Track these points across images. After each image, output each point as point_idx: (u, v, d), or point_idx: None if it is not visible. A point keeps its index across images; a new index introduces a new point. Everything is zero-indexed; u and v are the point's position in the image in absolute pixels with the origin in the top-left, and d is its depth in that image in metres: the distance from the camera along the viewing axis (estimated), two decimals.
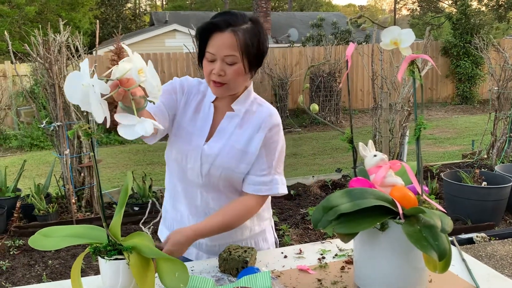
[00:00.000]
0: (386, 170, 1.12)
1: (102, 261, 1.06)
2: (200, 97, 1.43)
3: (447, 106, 11.87)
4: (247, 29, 1.28)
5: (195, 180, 1.40)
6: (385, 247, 1.06)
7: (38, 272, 3.19)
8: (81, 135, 0.97)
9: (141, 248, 1.04)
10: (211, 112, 1.41)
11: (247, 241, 1.49)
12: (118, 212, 1.10)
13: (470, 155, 5.58)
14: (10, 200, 4.17)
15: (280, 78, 10.01)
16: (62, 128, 4.05)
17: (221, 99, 1.41)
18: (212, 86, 1.33)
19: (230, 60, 1.27)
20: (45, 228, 1.13)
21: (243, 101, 1.40)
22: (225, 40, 1.26)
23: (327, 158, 7.04)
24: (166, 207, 1.56)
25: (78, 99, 0.91)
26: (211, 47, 1.28)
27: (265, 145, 1.38)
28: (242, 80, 1.34)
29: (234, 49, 1.26)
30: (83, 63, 0.92)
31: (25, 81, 8.65)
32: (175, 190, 1.49)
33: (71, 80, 0.91)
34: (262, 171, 1.38)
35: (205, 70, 1.31)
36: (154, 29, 15.37)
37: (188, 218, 1.46)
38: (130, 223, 3.98)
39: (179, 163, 1.42)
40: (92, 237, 1.11)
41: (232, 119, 1.40)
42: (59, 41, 3.95)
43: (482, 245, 3.12)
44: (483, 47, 5.47)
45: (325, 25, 14.18)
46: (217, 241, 1.45)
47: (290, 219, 3.99)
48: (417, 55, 1.05)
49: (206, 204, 1.42)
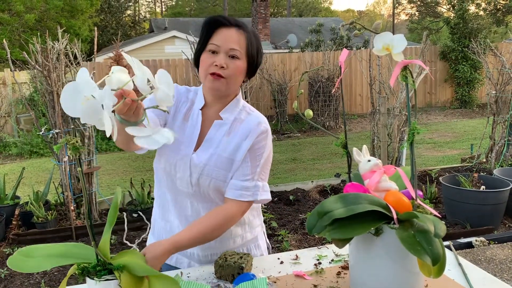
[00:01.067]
0: (380, 175, 1.12)
1: (91, 282, 1.00)
2: (189, 105, 1.42)
3: (446, 110, 11.88)
4: (250, 34, 1.35)
5: (184, 189, 1.39)
6: (380, 252, 1.06)
7: (37, 280, 3.18)
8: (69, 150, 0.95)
9: (132, 266, 1.00)
10: (199, 120, 1.39)
11: (239, 249, 1.48)
12: (108, 231, 1.05)
13: (469, 159, 5.58)
14: (9, 207, 4.17)
15: (279, 84, 10.04)
16: (61, 135, 4.06)
17: (210, 107, 1.40)
18: (209, 80, 1.31)
19: (233, 54, 1.30)
20: (25, 247, 1.06)
21: (231, 109, 1.40)
22: (232, 34, 1.31)
23: (326, 163, 7.04)
24: (155, 217, 1.54)
25: (80, 111, 0.86)
26: (216, 39, 1.30)
27: (250, 150, 1.36)
28: (239, 80, 1.36)
29: (239, 45, 1.31)
30: (82, 73, 0.86)
31: (24, 88, 8.67)
32: (165, 199, 1.47)
33: (69, 92, 0.86)
34: (246, 176, 1.35)
35: (205, 63, 1.31)
36: (154, 35, 15.43)
37: (179, 228, 1.43)
38: (128, 230, 3.97)
39: (168, 172, 1.40)
40: (78, 256, 1.05)
41: (220, 127, 1.38)
42: (57, 49, 3.97)
43: (481, 249, 3.11)
44: (480, 52, 5.49)
45: (323, 30, 14.24)
46: (208, 251, 1.43)
47: (289, 224, 3.99)
48: (410, 60, 1.05)
49: (197, 213, 1.40)
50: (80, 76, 0.86)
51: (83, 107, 0.85)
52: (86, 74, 0.86)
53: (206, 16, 1.50)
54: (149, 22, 24.61)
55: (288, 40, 15.95)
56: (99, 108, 0.86)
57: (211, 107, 1.40)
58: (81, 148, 0.91)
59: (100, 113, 0.86)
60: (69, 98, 0.86)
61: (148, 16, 34.40)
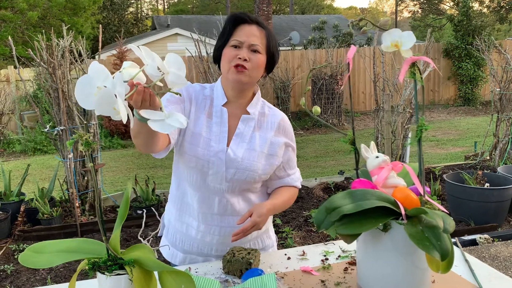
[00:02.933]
0: (388, 171, 1.13)
1: (102, 277, 1.00)
2: (209, 102, 1.44)
3: (449, 107, 11.86)
4: (269, 32, 1.44)
5: (217, 185, 1.40)
6: (387, 247, 1.06)
7: (43, 276, 3.20)
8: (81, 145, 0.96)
9: (143, 261, 0.99)
10: (225, 116, 1.42)
11: (254, 241, 1.51)
12: (118, 226, 1.05)
13: (472, 156, 5.58)
14: (14, 204, 4.20)
15: (282, 81, 10.03)
16: (65, 132, 4.07)
17: (232, 102, 1.44)
18: (233, 72, 1.36)
19: (255, 48, 1.37)
20: (36, 244, 1.06)
21: (255, 104, 1.47)
22: (254, 31, 1.39)
23: (330, 160, 7.04)
24: (170, 219, 1.54)
25: (94, 102, 0.86)
26: (239, 35, 1.38)
27: (288, 145, 1.50)
28: (259, 74, 1.43)
29: (260, 41, 1.39)
30: (94, 65, 0.87)
31: (28, 86, 8.69)
32: (184, 201, 1.47)
33: (82, 85, 0.86)
34: (292, 169, 1.54)
35: (228, 56, 1.37)
36: (156, 33, 15.43)
37: (198, 228, 1.44)
38: (134, 227, 3.99)
39: (199, 170, 1.39)
40: (88, 252, 1.05)
41: (248, 122, 1.44)
42: (62, 46, 3.98)
43: (485, 246, 3.11)
44: (484, 49, 5.47)
45: (326, 28, 14.21)
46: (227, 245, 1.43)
47: (293, 221, 4.00)
48: (418, 57, 1.06)
49: (223, 210, 1.42)
50: (92, 68, 0.87)
51: (96, 97, 0.86)
52: (98, 64, 0.87)
53: (208, 14, 1.54)
54: (151, 19, 24.59)
55: (291, 37, 15.92)
56: (113, 97, 0.86)
57: (233, 102, 1.45)
58: (94, 143, 0.91)
59: (113, 102, 0.86)
60: (82, 90, 0.87)
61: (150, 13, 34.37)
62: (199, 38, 5.12)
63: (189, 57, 10.16)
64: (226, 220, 1.43)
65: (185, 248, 1.49)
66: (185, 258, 1.50)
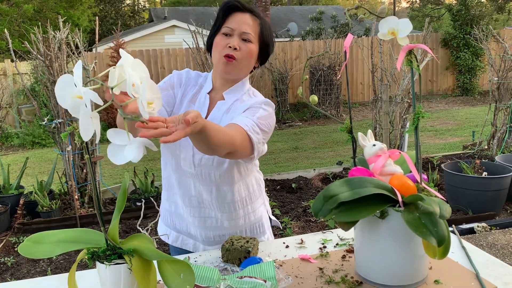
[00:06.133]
0: (385, 159, 1.13)
1: (101, 267, 1.00)
2: (197, 89, 1.45)
3: (447, 98, 11.86)
4: (263, 21, 1.39)
5: (188, 170, 1.41)
6: (385, 234, 1.07)
7: (43, 268, 3.22)
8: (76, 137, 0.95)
9: (142, 250, 0.99)
10: (206, 103, 1.42)
11: (242, 228, 1.50)
12: (117, 216, 1.04)
13: (470, 146, 5.59)
14: (13, 197, 4.21)
15: (280, 72, 10.01)
16: (63, 125, 4.07)
17: (217, 91, 1.43)
18: (222, 63, 1.34)
19: (247, 37, 1.34)
20: (35, 234, 1.05)
21: (235, 91, 1.42)
22: (246, 19, 1.35)
23: (328, 151, 7.05)
24: (162, 200, 1.58)
25: (69, 105, 0.83)
26: (230, 22, 1.35)
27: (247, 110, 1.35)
28: (250, 64, 1.39)
29: (252, 29, 1.35)
30: (77, 69, 0.83)
31: (25, 79, 8.66)
32: (170, 181, 1.50)
33: (62, 84, 0.83)
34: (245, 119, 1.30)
35: (219, 45, 1.35)
36: (153, 25, 15.34)
37: (182, 208, 1.48)
38: (133, 218, 4.01)
39: (172, 153, 1.42)
40: (87, 242, 1.05)
41: (221, 107, 1.41)
42: (59, 38, 3.96)
43: (483, 234, 3.14)
44: (483, 38, 5.46)
45: (324, 18, 14.16)
46: (211, 232, 1.47)
47: (291, 212, 4.02)
48: (415, 45, 1.06)
49: (199, 195, 1.44)
50: (75, 71, 0.84)
51: (72, 101, 0.83)
52: (79, 69, 0.83)
53: (205, 5, 1.51)
54: (148, 11, 24.45)
55: (289, 28, 15.85)
56: (83, 109, 0.82)
57: (218, 91, 1.43)
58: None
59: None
60: (62, 88, 0.84)
61: (147, 5, 34.14)
62: (196, 30, 5.10)
63: (186, 49, 10.17)
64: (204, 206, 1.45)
65: (177, 227, 1.54)
66: (177, 237, 1.54)
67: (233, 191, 1.44)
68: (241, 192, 1.46)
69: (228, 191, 1.43)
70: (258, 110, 1.34)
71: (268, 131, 1.35)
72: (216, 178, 1.40)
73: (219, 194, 1.43)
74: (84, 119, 0.81)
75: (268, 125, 1.34)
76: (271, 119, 1.37)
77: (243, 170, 1.44)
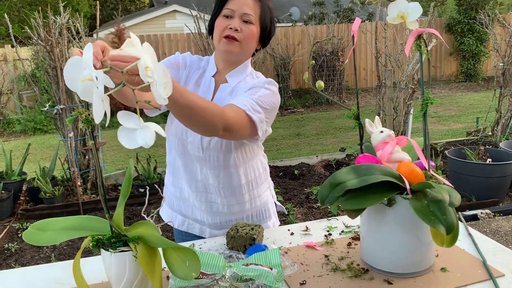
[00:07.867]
0: (392, 146, 1.12)
1: (106, 254, 0.99)
2: (201, 72, 1.45)
3: (451, 83, 11.77)
4: (264, 3, 1.37)
5: (195, 153, 1.41)
6: (392, 222, 1.06)
7: (47, 254, 3.24)
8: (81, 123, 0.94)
9: (147, 238, 0.98)
10: (211, 86, 1.42)
11: (247, 213, 1.50)
12: (122, 203, 1.04)
13: (474, 132, 5.56)
14: (16, 183, 4.21)
15: (282, 58, 9.93)
16: (65, 111, 4.05)
17: (221, 74, 1.42)
18: (223, 43, 1.34)
19: (247, 19, 1.34)
20: (40, 221, 1.05)
21: (238, 73, 1.42)
22: (247, 0, 1.34)
23: (331, 138, 7.03)
24: (167, 184, 1.58)
25: (78, 88, 0.82)
26: (231, 4, 1.34)
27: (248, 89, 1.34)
28: (252, 46, 1.38)
29: (253, 11, 1.35)
30: (88, 51, 0.81)
31: (26, 65, 8.61)
32: (175, 165, 1.50)
33: (71, 67, 0.82)
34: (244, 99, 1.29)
35: (220, 26, 1.34)
36: (154, 10, 15.20)
37: (188, 193, 1.48)
38: (136, 205, 4.01)
39: (179, 137, 1.42)
40: (92, 229, 1.04)
41: (225, 89, 1.41)
42: (59, 24, 3.92)
43: (486, 221, 3.13)
44: (488, 23, 5.39)
45: (327, 3, 13.97)
46: (217, 218, 1.48)
47: (294, 198, 4.02)
48: (424, 29, 1.03)
49: (206, 179, 1.43)
50: (85, 53, 0.82)
51: (80, 88, 0.82)
52: (89, 51, 0.81)
53: None
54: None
55: (291, 13, 15.68)
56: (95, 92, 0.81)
57: (222, 74, 1.43)
58: (93, 121, 0.86)
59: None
60: (70, 73, 0.83)
61: None
62: (198, 15, 5.04)
63: (188, 34, 10.07)
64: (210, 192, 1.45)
65: (183, 211, 1.54)
66: (183, 221, 1.55)
67: (239, 174, 1.44)
68: (248, 175, 1.46)
69: (234, 173, 1.43)
70: (260, 90, 1.33)
71: (271, 109, 1.33)
72: (223, 161, 1.41)
73: (226, 178, 1.42)
74: (98, 101, 0.81)
75: (271, 103, 1.33)
76: (275, 98, 1.36)
77: (249, 152, 1.45)
